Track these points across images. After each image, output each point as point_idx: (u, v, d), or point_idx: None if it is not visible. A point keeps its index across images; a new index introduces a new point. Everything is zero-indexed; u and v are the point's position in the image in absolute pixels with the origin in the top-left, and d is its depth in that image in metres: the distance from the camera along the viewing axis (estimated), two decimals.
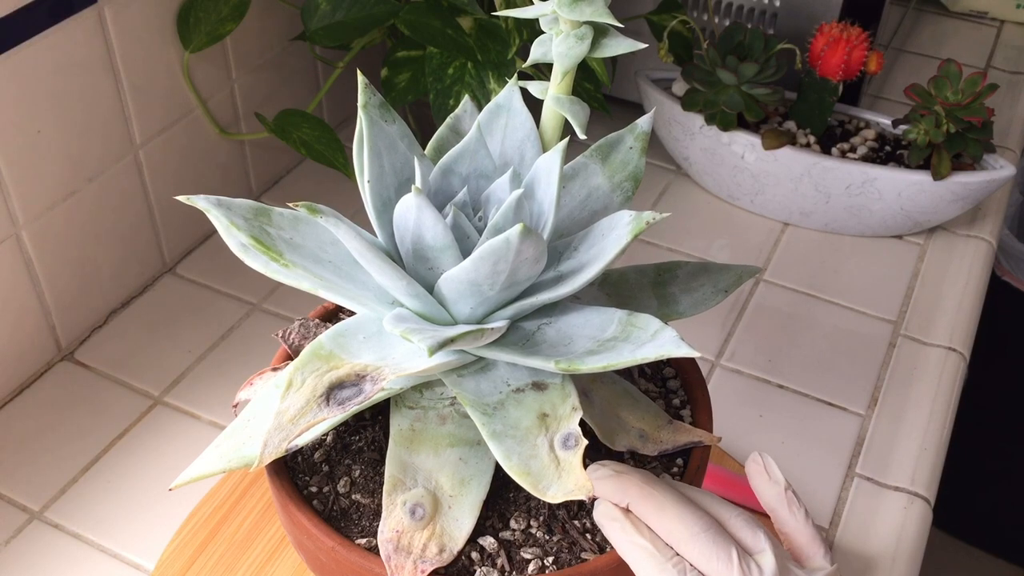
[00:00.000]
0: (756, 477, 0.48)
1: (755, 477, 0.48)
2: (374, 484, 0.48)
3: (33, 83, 0.69)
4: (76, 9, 0.70)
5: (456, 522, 0.45)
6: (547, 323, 0.46)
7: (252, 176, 0.94)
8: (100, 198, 0.78)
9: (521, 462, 0.42)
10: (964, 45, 1.22)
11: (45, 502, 0.69)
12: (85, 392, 0.76)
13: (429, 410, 0.48)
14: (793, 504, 0.47)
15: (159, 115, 0.81)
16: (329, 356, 0.44)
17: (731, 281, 0.52)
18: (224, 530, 0.66)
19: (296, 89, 0.95)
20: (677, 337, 0.41)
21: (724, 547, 0.43)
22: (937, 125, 0.86)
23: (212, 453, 0.47)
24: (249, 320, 0.83)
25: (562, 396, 0.44)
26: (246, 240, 0.44)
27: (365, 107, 0.46)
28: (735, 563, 0.43)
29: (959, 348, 0.83)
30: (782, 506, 0.47)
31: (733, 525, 0.45)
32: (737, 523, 0.45)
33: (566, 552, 0.46)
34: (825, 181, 0.89)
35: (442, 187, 0.46)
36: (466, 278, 0.42)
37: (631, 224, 0.43)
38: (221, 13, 0.80)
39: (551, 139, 0.48)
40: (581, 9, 0.43)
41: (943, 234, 0.94)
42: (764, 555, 0.44)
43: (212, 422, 0.74)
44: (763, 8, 0.96)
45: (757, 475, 0.48)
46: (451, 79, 0.79)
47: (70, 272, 0.77)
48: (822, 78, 0.89)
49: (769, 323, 0.84)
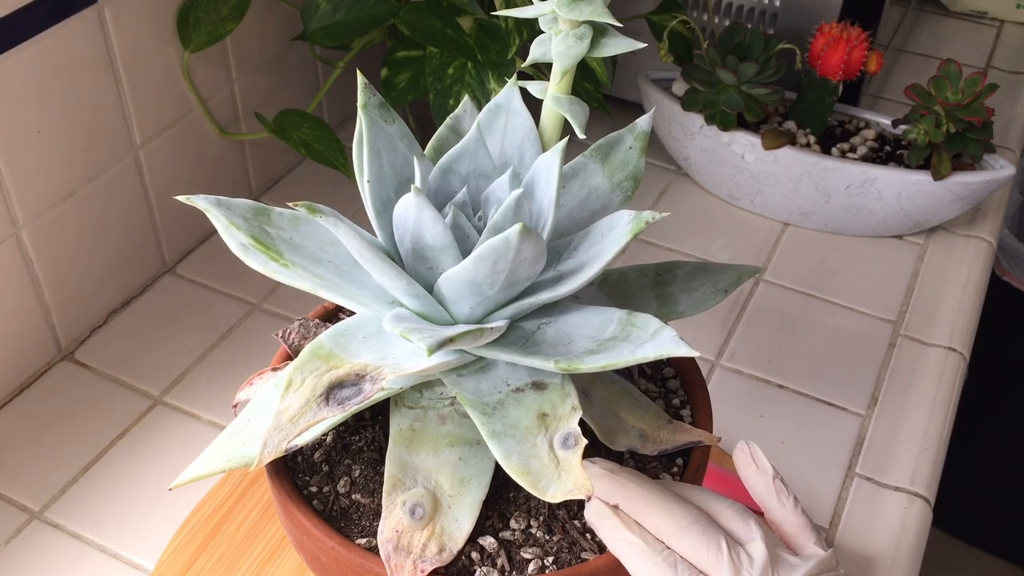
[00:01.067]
0: (744, 466, 0.48)
1: (743, 466, 0.48)
2: (374, 484, 0.48)
3: (33, 83, 0.69)
4: (76, 9, 0.70)
5: (456, 522, 0.45)
6: (547, 323, 0.46)
7: (252, 176, 0.94)
8: (100, 198, 0.78)
9: (521, 462, 0.42)
10: (964, 45, 1.22)
11: (45, 502, 0.69)
12: (85, 392, 0.76)
13: (429, 410, 0.48)
14: (781, 493, 0.47)
15: (159, 115, 0.81)
16: (329, 356, 0.44)
17: (731, 281, 0.52)
18: (224, 530, 0.66)
19: (296, 89, 0.95)
20: (676, 337, 0.41)
21: (713, 538, 0.43)
22: (937, 125, 0.86)
23: (212, 453, 0.47)
24: (249, 320, 0.83)
25: (562, 396, 0.44)
26: (246, 240, 0.44)
27: (365, 107, 0.46)
28: (724, 554, 0.43)
29: (959, 348, 0.83)
30: (770, 495, 0.47)
31: (724, 517, 0.45)
32: (728, 514, 0.45)
33: (566, 552, 0.46)
34: (825, 181, 0.89)
35: (442, 187, 0.46)
36: (466, 278, 0.42)
37: (631, 224, 0.43)
38: (221, 13, 0.80)
39: (550, 139, 0.48)
40: (580, 9, 0.43)
41: (943, 234, 0.94)
42: (754, 544, 0.44)
43: (212, 422, 0.74)
44: (763, 8, 0.96)
45: (744, 464, 0.48)
46: (451, 79, 0.79)
47: (70, 272, 0.77)
48: (822, 78, 0.89)
49: (769, 323, 0.84)
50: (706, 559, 0.43)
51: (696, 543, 0.43)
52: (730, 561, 0.43)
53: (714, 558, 0.43)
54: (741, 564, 0.43)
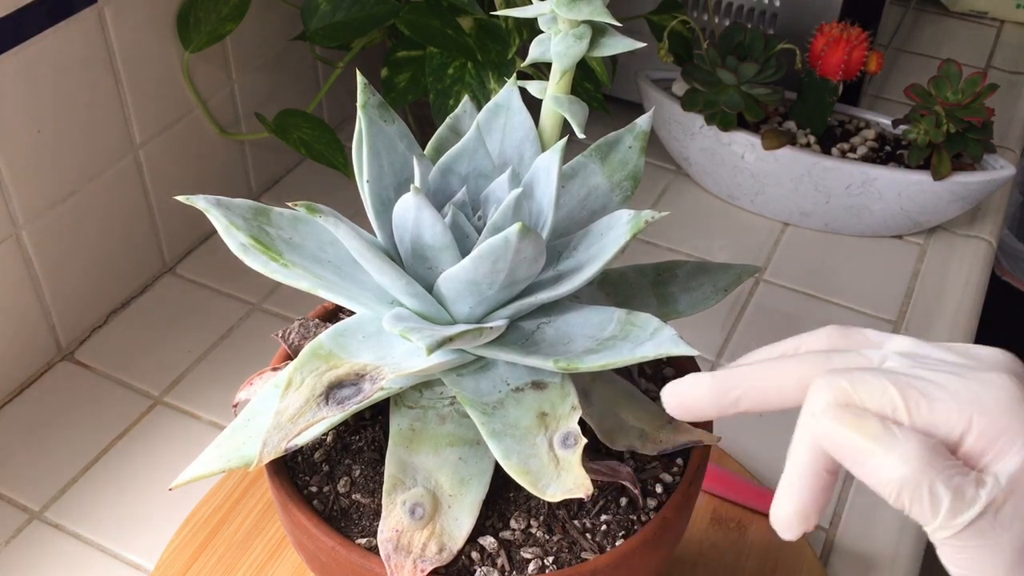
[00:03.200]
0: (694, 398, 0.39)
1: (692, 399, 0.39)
2: (374, 484, 0.48)
3: (33, 83, 0.69)
4: (76, 9, 0.70)
5: (456, 521, 0.45)
6: (546, 322, 0.46)
7: (252, 176, 0.94)
8: (100, 198, 0.78)
9: (520, 461, 0.42)
10: (964, 45, 1.22)
11: (45, 502, 0.69)
12: (85, 392, 0.76)
13: (429, 410, 0.48)
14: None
15: (159, 115, 0.81)
16: (328, 356, 0.44)
17: (730, 280, 0.52)
18: (224, 530, 0.66)
19: (296, 89, 0.95)
20: (676, 336, 0.41)
21: (873, 380, 0.35)
22: (937, 125, 0.86)
23: (212, 453, 0.47)
24: (249, 320, 0.83)
25: (561, 395, 0.44)
26: (246, 240, 0.44)
27: (364, 107, 0.46)
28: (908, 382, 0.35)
29: None
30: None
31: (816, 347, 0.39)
32: (816, 344, 0.39)
33: (566, 552, 0.46)
34: (825, 181, 0.89)
35: (441, 187, 0.46)
36: (465, 277, 0.42)
37: (630, 223, 0.44)
38: (221, 13, 0.80)
39: (550, 138, 0.48)
40: (579, 8, 0.43)
41: (943, 234, 0.94)
42: (893, 342, 0.38)
43: (212, 422, 0.74)
44: (763, 8, 0.96)
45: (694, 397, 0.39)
46: (451, 79, 0.79)
47: (70, 272, 0.77)
48: (822, 78, 0.89)
49: (769, 323, 0.84)
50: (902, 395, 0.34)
51: (869, 390, 0.35)
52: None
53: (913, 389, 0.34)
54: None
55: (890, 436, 0.33)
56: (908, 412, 0.34)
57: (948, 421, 0.34)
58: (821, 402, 0.35)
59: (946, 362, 0.36)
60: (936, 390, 0.34)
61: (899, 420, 0.34)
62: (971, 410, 0.34)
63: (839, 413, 0.34)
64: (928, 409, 0.34)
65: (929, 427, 0.34)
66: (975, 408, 0.34)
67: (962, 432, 0.34)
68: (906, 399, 0.34)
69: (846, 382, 0.35)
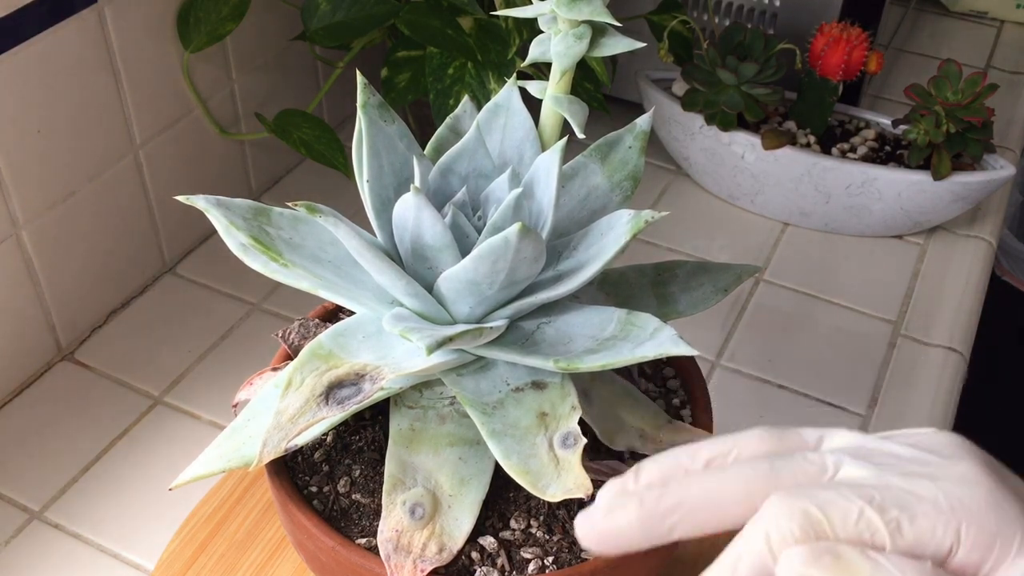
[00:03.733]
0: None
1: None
2: (374, 484, 0.48)
3: (33, 83, 0.69)
4: (76, 9, 0.70)
5: (456, 521, 0.45)
6: (546, 322, 0.46)
7: (252, 176, 0.94)
8: (100, 198, 0.78)
9: (520, 461, 0.42)
10: (964, 45, 1.22)
11: (45, 502, 0.69)
12: (85, 392, 0.76)
13: (429, 410, 0.48)
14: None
15: (159, 115, 0.81)
16: (328, 355, 0.44)
17: (730, 280, 0.52)
18: (224, 530, 0.66)
19: (296, 89, 0.95)
20: (676, 336, 0.41)
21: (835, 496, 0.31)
22: (937, 125, 0.86)
23: (212, 453, 0.47)
24: (249, 320, 0.83)
25: (561, 395, 0.44)
26: (246, 240, 0.44)
27: (364, 107, 0.46)
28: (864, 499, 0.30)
29: (959, 348, 0.83)
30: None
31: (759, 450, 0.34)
32: (759, 447, 0.34)
33: (566, 552, 0.46)
34: (825, 181, 0.89)
35: (441, 187, 0.46)
36: (465, 277, 0.42)
37: (630, 223, 0.44)
38: (221, 13, 0.80)
39: (550, 138, 0.48)
40: (579, 8, 0.43)
41: (943, 234, 0.94)
42: (833, 437, 0.34)
43: (212, 422, 0.74)
44: (763, 8, 0.96)
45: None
46: (451, 79, 0.79)
47: (70, 272, 0.77)
48: (822, 78, 0.89)
49: (769, 323, 0.84)
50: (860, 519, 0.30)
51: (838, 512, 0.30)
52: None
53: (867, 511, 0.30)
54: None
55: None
56: (889, 536, 0.30)
57: (935, 537, 0.30)
58: (785, 535, 0.30)
59: (903, 458, 0.32)
60: (915, 502, 0.30)
61: (879, 545, 0.30)
62: (957, 520, 0.30)
63: (816, 560, 0.29)
64: (910, 527, 0.30)
65: (914, 548, 0.30)
66: (961, 517, 0.30)
67: (951, 545, 0.30)
68: (885, 520, 0.30)
69: (813, 506, 0.30)
